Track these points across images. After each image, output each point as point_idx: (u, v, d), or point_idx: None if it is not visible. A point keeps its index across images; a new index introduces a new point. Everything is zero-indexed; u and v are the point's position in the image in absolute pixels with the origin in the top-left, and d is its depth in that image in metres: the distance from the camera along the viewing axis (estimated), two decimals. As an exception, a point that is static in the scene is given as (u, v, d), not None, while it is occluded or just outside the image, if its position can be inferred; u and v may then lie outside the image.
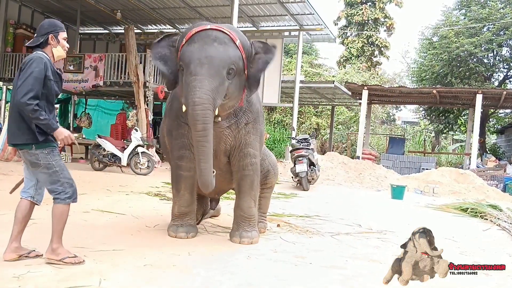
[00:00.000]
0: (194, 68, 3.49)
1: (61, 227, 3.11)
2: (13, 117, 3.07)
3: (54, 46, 3.20)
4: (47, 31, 3.19)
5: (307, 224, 5.34)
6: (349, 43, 29.73)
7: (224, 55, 3.56)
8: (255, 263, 3.49)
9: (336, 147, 24.11)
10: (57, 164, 3.10)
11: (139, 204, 5.95)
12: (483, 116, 18.11)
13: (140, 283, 2.84)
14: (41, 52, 3.15)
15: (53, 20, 3.32)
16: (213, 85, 3.47)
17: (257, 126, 4.16)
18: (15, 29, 15.24)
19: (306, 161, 9.39)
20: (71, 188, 3.13)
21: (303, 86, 17.97)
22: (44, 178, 3.11)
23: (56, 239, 3.09)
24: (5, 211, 4.68)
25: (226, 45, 3.61)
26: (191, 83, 3.46)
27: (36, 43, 3.18)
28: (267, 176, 4.67)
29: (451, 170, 12.43)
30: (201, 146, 3.47)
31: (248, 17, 15.45)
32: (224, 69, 3.55)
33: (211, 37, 3.59)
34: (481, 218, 6.89)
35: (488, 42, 19.45)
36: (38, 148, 3.04)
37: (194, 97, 3.41)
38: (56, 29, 3.22)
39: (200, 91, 3.42)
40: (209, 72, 3.47)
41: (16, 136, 3.07)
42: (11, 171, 7.87)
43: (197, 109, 3.41)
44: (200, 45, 3.55)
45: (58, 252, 3.07)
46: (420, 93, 16.80)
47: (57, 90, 3.16)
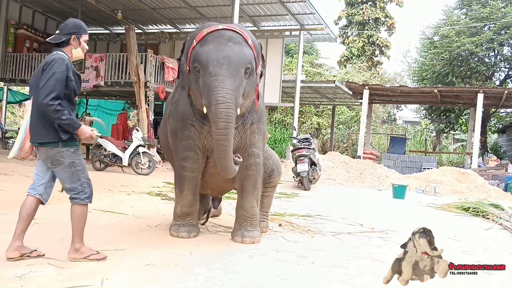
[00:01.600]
0: (214, 68, 3.48)
1: (82, 227, 3.17)
2: (38, 116, 3.10)
3: (74, 47, 3.25)
4: (70, 32, 3.22)
5: (309, 223, 5.33)
6: (349, 43, 29.73)
7: (241, 55, 3.58)
8: (257, 262, 3.49)
9: (337, 147, 24.11)
10: (80, 163, 3.16)
11: (140, 204, 5.95)
12: (485, 115, 18.07)
13: (142, 283, 2.83)
14: (62, 53, 3.17)
15: (78, 21, 3.34)
16: (234, 85, 3.49)
17: (261, 126, 4.17)
18: (16, 29, 15.27)
19: (308, 161, 9.40)
20: (89, 188, 3.20)
21: (304, 86, 17.97)
22: (65, 177, 3.13)
23: (78, 239, 3.15)
24: (7, 211, 4.68)
25: (241, 45, 3.63)
26: (212, 83, 3.46)
27: (57, 41, 3.20)
28: (271, 175, 4.68)
29: (453, 170, 12.43)
30: (222, 146, 3.49)
31: (249, 16, 15.45)
32: (242, 68, 3.57)
33: (225, 37, 3.60)
34: (482, 217, 6.89)
35: (489, 42, 19.43)
36: (65, 146, 3.09)
37: (217, 96, 3.42)
38: (80, 31, 3.27)
39: (223, 90, 3.43)
40: (229, 72, 3.48)
41: (42, 135, 3.10)
42: (12, 171, 7.87)
43: (220, 107, 3.41)
44: (215, 45, 3.55)
45: (81, 251, 3.14)
46: (421, 92, 16.79)
47: (76, 89, 3.21)
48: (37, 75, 3.17)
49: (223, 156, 3.53)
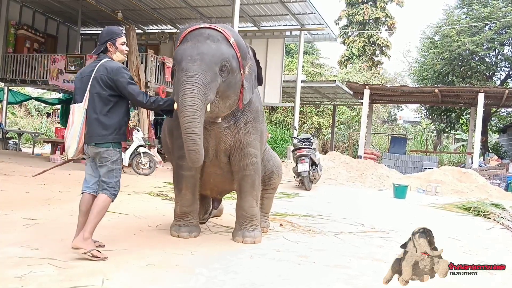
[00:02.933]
0: (186, 64, 3.46)
1: (98, 220, 3.32)
2: (97, 119, 3.34)
3: (113, 52, 3.50)
4: (105, 40, 3.48)
5: (310, 223, 5.33)
6: (350, 43, 29.71)
7: (217, 51, 3.54)
8: (258, 262, 3.48)
9: (337, 147, 24.11)
10: (119, 163, 3.47)
11: (141, 204, 5.94)
12: (485, 115, 18.05)
13: (143, 283, 2.83)
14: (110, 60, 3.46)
15: (110, 28, 3.59)
16: (204, 80, 3.43)
17: (257, 125, 4.13)
18: (16, 29, 15.24)
19: (308, 161, 9.39)
20: (119, 188, 3.45)
21: (305, 86, 17.96)
22: (104, 171, 3.38)
23: (90, 230, 3.26)
24: (7, 211, 4.68)
25: (219, 42, 3.60)
26: (182, 78, 3.44)
27: (98, 52, 3.49)
28: (271, 177, 4.66)
29: (453, 169, 12.41)
30: (190, 133, 3.37)
31: (250, 16, 15.44)
32: (216, 65, 3.52)
33: (204, 35, 3.59)
34: (484, 217, 6.88)
35: (490, 41, 19.41)
36: (115, 147, 3.41)
37: (184, 88, 3.37)
38: (113, 36, 3.50)
39: (190, 83, 3.38)
40: (200, 68, 3.44)
41: (102, 136, 3.34)
42: (13, 172, 7.87)
43: (186, 97, 3.35)
44: (193, 43, 3.55)
45: (88, 243, 3.21)
46: (422, 92, 16.78)
47: None
48: (84, 80, 3.39)
49: (191, 144, 3.40)
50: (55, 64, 13.92)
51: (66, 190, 6.29)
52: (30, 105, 25.69)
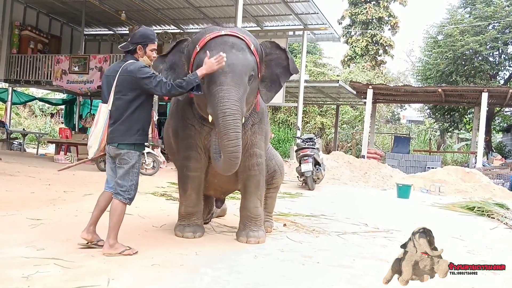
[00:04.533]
0: (218, 77, 3.46)
1: (118, 224, 3.41)
2: (122, 120, 3.40)
3: (140, 56, 3.53)
4: (137, 41, 3.52)
5: (313, 223, 5.33)
6: (353, 42, 29.67)
7: (245, 62, 3.57)
8: (262, 262, 3.49)
9: (341, 147, 24.08)
10: (138, 167, 3.50)
11: (145, 204, 5.95)
12: (489, 114, 18.03)
13: (148, 283, 2.84)
14: (135, 60, 3.50)
15: (145, 31, 3.58)
16: (239, 94, 3.48)
17: (262, 126, 4.16)
18: (20, 30, 15.31)
19: (312, 161, 9.38)
20: (134, 191, 3.50)
21: (308, 86, 17.94)
22: (121, 173, 3.43)
23: (113, 235, 3.38)
24: (13, 211, 4.71)
25: (245, 52, 3.61)
26: (218, 93, 3.44)
27: (127, 49, 3.53)
28: (274, 176, 4.67)
29: (457, 169, 12.39)
30: (234, 158, 3.48)
31: (252, 17, 15.44)
32: (246, 76, 3.57)
33: (228, 43, 3.58)
34: (487, 216, 6.86)
35: (494, 40, 19.36)
36: (136, 149, 3.46)
37: (224, 108, 3.41)
38: (146, 41, 3.53)
39: (229, 102, 3.41)
40: (234, 81, 3.47)
41: (125, 137, 3.41)
42: (18, 172, 7.91)
43: (228, 119, 3.40)
44: (218, 52, 3.50)
45: (115, 247, 3.36)
46: (426, 91, 16.75)
47: None
48: (110, 80, 3.45)
49: (235, 163, 3.53)
50: (59, 65, 13.99)
51: (71, 191, 6.30)
52: (34, 106, 25.78)
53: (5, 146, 14.73)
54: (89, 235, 3.49)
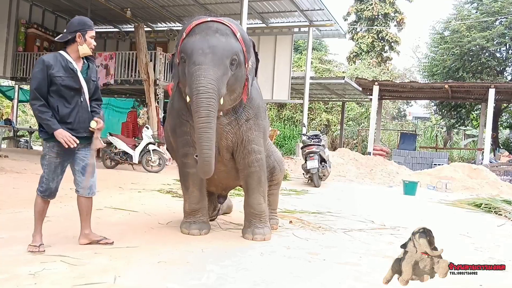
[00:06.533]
0: (198, 57, 3.47)
1: (35, 215, 3.37)
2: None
3: (80, 44, 3.33)
4: (76, 29, 3.33)
5: (319, 220, 5.32)
6: (359, 39, 29.54)
7: (227, 46, 3.57)
8: (269, 259, 3.49)
9: (346, 143, 24.03)
10: (47, 159, 3.35)
11: (151, 201, 5.97)
12: (496, 110, 17.92)
13: (155, 279, 2.84)
14: (53, 53, 3.34)
15: (83, 18, 3.43)
16: (217, 74, 3.46)
17: (259, 121, 4.13)
18: (26, 28, 15.37)
19: (317, 158, 9.36)
20: (45, 185, 3.33)
21: (313, 82, 17.91)
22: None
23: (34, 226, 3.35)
24: (20, 209, 4.73)
25: (228, 36, 3.62)
26: (195, 72, 3.44)
27: (64, 40, 3.33)
28: (273, 173, 4.64)
29: (464, 166, 12.33)
30: (204, 133, 3.40)
31: (258, 13, 15.41)
32: (227, 59, 3.55)
33: (212, 28, 3.60)
34: (495, 213, 6.83)
35: (501, 36, 19.22)
36: (45, 140, 3.34)
37: (199, 85, 3.39)
38: (85, 27, 3.35)
39: (205, 79, 3.40)
40: (213, 61, 3.46)
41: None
42: (24, 169, 7.94)
43: (201, 96, 3.38)
44: (202, 36, 3.55)
45: (34, 240, 3.31)
46: (432, 88, 16.67)
47: (71, 84, 3.29)
48: None
49: (206, 143, 3.41)
50: (65, 63, 14.00)
51: (77, 188, 6.30)
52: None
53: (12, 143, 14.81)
54: (84, 239, 3.49)
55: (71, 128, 3.26)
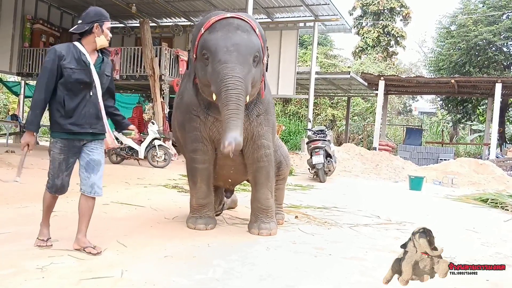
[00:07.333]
0: (223, 55, 3.46)
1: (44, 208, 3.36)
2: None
3: (97, 35, 3.21)
4: (93, 20, 3.20)
5: (325, 215, 5.32)
6: (364, 33, 29.43)
7: (250, 43, 3.57)
8: (275, 254, 3.49)
9: (352, 139, 23.99)
10: (53, 155, 3.33)
11: (157, 196, 5.99)
12: (503, 105, 17.80)
13: (161, 274, 2.86)
14: (67, 44, 3.22)
15: (99, 9, 3.31)
16: (244, 72, 3.47)
17: (269, 117, 4.14)
18: (32, 24, 15.40)
19: (323, 153, 9.35)
20: (52, 180, 3.29)
21: (319, 78, 17.87)
22: None
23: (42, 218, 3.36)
24: (27, 204, 4.76)
25: (249, 33, 3.62)
26: (223, 70, 3.44)
27: (81, 31, 3.19)
28: (280, 167, 4.64)
29: (470, 161, 12.26)
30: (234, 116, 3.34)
31: (263, 8, 15.37)
32: (251, 56, 3.56)
33: (233, 25, 3.59)
34: (501, 208, 6.80)
35: (508, 30, 19.07)
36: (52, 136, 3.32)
37: (228, 83, 3.39)
38: (102, 18, 3.23)
39: (233, 77, 3.41)
40: (238, 60, 3.47)
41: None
42: (31, 165, 7.97)
43: (231, 93, 3.38)
44: (224, 33, 3.54)
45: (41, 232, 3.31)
46: (438, 82, 16.58)
47: (81, 78, 3.15)
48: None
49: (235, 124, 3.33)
50: (71, 58, 14.03)
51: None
52: (47, 99, 25.95)
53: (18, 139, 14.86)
54: (75, 244, 3.23)
55: (75, 123, 3.15)
